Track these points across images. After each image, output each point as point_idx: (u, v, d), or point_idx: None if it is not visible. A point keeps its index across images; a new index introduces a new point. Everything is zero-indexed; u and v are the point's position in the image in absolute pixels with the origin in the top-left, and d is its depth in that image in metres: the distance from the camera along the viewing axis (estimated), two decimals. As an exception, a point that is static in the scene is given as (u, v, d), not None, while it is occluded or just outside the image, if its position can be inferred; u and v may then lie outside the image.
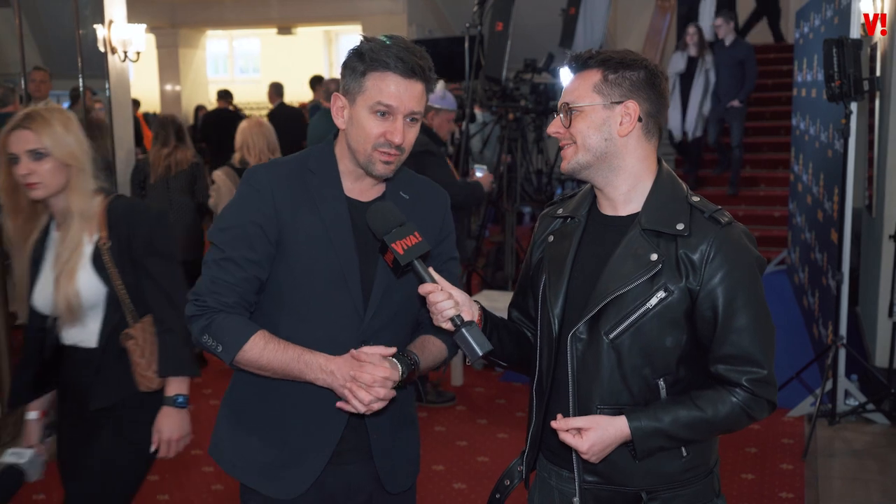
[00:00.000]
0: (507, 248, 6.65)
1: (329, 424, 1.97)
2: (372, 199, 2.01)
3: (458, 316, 1.79)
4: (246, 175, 1.98)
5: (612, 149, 1.80)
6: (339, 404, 1.87)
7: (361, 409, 1.83)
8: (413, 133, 1.93)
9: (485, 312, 1.92)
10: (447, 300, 1.80)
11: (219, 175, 5.08)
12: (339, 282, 1.93)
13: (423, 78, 1.89)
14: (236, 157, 5.10)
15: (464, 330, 1.78)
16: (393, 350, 1.87)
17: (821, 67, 5.07)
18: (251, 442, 2.02)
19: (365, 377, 1.81)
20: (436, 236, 2.05)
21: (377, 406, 1.84)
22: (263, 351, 1.88)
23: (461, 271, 2.56)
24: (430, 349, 2.03)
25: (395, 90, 1.86)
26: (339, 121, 1.94)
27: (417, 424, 2.18)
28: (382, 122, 1.88)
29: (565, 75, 1.92)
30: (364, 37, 1.93)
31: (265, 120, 5.73)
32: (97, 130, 5.63)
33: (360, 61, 1.88)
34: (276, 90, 9.32)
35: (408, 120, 1.90)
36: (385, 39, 1.88)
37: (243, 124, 5.18)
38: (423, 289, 1.82)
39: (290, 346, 1.89)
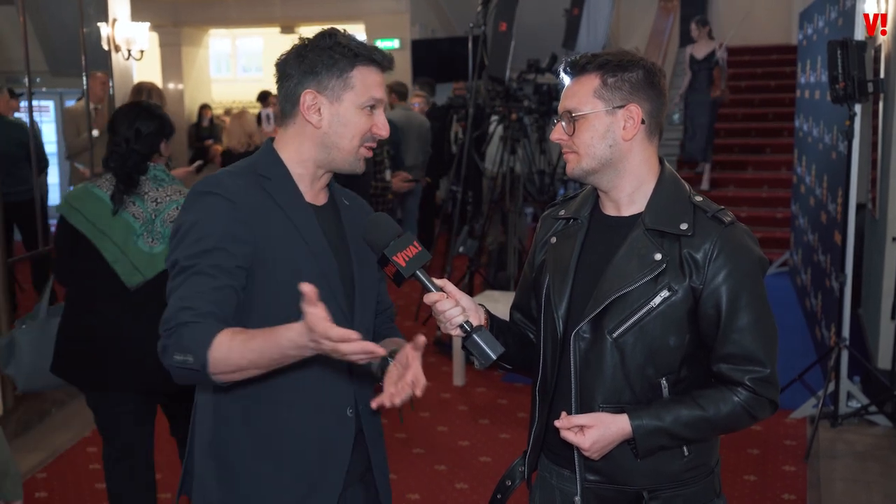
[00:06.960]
0: (510, 248, 6.64)
1: (338, 441, 1.90)
2: (322, 203, 1.94)
3: (468, 322, 1.77)
4: (205, 185, 1.80)
5: (616, 154, 1.79)
6: (374, 403, 1.67)
7: (364, 359, 1.53)
8: None
9: (489, 315, 1.90)
10: (455, 307, 1.77)
11: None
12: (323, 289, 1.79)
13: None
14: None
15: (475, 336, 1.76)
16: (384, 351, 1.60)
17: (825, 69, 5.06)
18: (271, 482, 1.88)
19: (333, 333, 1.48)
20: None
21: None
22: (231, 345, 1.60)
23: (465, 272, 2.54)
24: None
25: (380, 84, 1.86)
26: (315, 118, 1.82)
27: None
28: (370, 118, 1.85)
29: (563, 80, 1.89)
30: (327, 32, 1.83)
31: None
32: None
33: (344, 55, 1.80)
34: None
35: None
36: (342, 34, 1.83)
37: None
38: (429, 298, 1.78)
39: (257, 331, 1.61)
